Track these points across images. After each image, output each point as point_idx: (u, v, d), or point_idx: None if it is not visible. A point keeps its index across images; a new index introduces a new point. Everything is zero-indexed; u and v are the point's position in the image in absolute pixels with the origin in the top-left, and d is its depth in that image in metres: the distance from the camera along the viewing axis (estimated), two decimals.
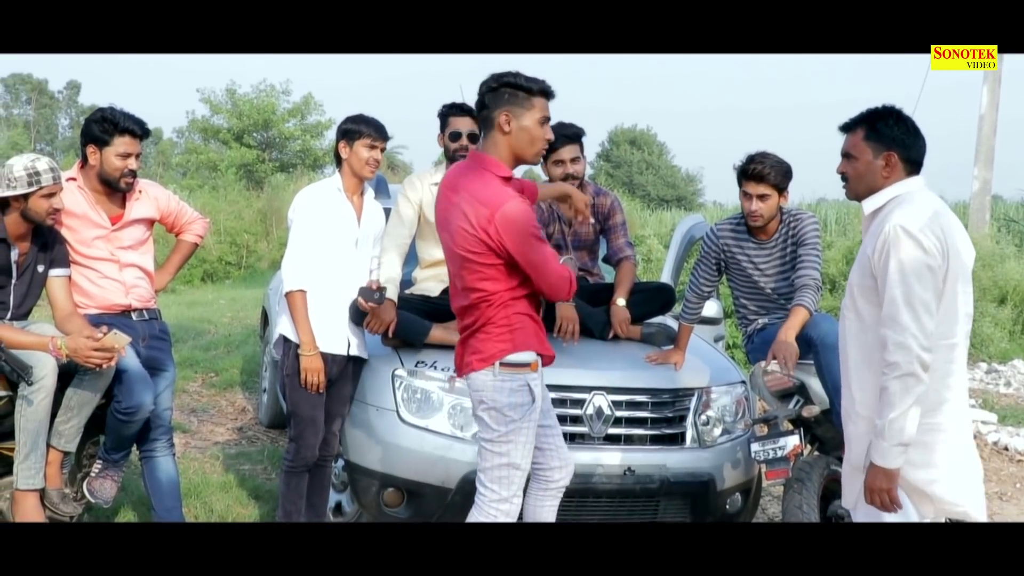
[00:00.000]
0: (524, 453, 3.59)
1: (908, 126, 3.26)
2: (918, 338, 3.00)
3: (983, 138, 15.28)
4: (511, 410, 3.54)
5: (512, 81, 3.53)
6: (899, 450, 3.05)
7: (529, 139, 3.55)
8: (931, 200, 3.19)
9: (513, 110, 3.52)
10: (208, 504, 5.18)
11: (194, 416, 7.30)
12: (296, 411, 4.40)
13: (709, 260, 4.98)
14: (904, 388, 3.02)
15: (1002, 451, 7.56)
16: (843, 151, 3.35)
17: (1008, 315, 12.07)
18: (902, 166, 3.22)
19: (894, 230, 3.06)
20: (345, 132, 4.41)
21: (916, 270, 3.03)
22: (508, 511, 3.60)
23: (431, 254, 4.91)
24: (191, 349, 9.52)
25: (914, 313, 3.01)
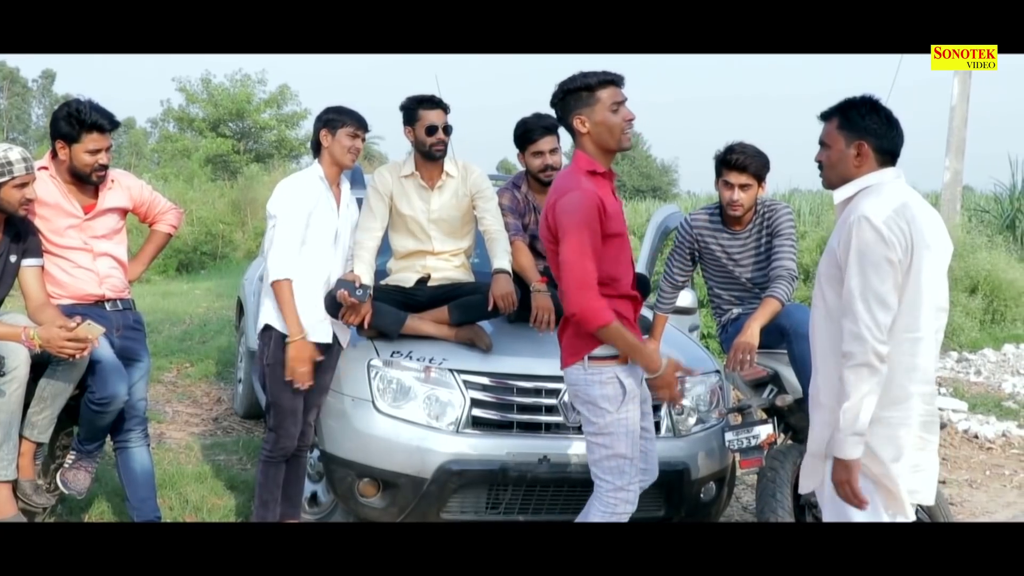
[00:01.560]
0: (629, 443, 3.64)
1: (881, 116, 3.27)
2: (872, 330, 3.02)
3: (954, 129, 15.39)
4: (604, 402, 3.61)
5: (571, 86, 3.63)
6: (854, 440, 3.06)
7: (608, 129, 3.65)
8: (901, 192, 3.19)
9: (583, 111, 3.63)
10: (183, 495, 5.17)
11: (169, 406, 7.28)
12: (276, 401, 4.40)
13: (683, 250, 5.00)
14: (858, 378, 3.04)
15: (972, 439, 7.65)
16: (819, 139, 3.37)
17: (979, 305, 12.19)
18: (874, 156, 3.23)
19: (857, 220, 3.08)
20: (328, 121, 4.42)
21: (875, 263, 3.04)
22: (626, 498, 3.67)
23: (404, 246, 4.91)
24: (166, 339, 9.49)
25: (868, 305, 3.03)
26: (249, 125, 34.23)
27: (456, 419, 4.42)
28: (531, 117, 5.10)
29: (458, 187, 4.89)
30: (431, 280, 4.88)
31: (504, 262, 4.70)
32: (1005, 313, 12.57)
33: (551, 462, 4.40)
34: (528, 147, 5.06)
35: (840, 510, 3.21)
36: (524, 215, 5.15)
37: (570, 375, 3.71)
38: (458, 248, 4.97)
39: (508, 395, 4.49)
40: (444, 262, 4.93)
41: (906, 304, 3.10)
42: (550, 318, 4.70)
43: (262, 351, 4.47)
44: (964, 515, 5.85)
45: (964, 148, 15.53)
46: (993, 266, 12.83)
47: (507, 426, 4.48)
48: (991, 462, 7.15)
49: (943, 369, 10.23)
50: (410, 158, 4.90)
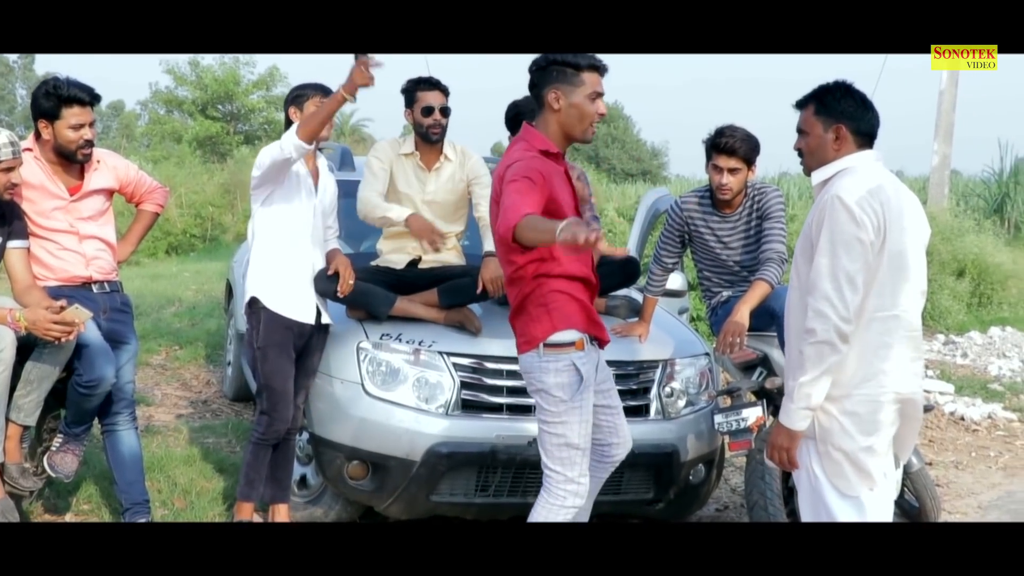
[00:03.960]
0: (581, 432, 3.58)
1: (856, 99, 3.29)
2: (837, 308, 3.04)
3: (943, 113, 15.42)
4: (559, 390, 3.54)
5: (560, 59, 3.54)
6: (805, 413, 3.14)
7: (579, 115, 3.58)
8: (877, 173, 3.20)
9: (562, 87, 3.54)
10: (171, 478, 5.15)
11: (158, 389, 7.26)
12: (270, 383, 4.38)
13: (673, 233, 5.00)
14: (818, 355, 3.07)
15: (958, 421, 7.68)
16: (797, 127, 3.39)
17: (966, 288, 12.24)
18: (852, 139, 3.25)
19: (831, 200, 3.10)
20: (294, 98, 4.41)
21: (845, 242, 3.06)
22: (576, 491, 3.61)
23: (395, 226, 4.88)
24: (155, 322, 9.46)
25: (836, 284, 3.05)
26: (238, 107, 34.08)
27: (446, 402, 4.42)
28: (523, 100, 5.07)
29: (455, 171, 4.88)
30: (422, 262, 4.86)
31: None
32: (992, 296, 12.63)
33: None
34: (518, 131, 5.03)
35: (816, 491, 3.24)
36: None
37: (524, 362, 3.63)
38: (450, 231, 4.95)
39: (498, 378, 4.49)
40: None
41: (878, 284, 3.12)
42: None
43: (251, 332, 4.45)
44: (950, 496, 5.88)
45: (952, 132, 15.57)
46: (980, 250, 12.88)
47: (496, 408, 4.48)
48: (977, 444, 7.19)
49: (930, 352, 10.27)
50: (410, 138, 4.89)
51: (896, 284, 3.16)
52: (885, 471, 3.24)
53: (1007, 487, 6.19)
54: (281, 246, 4.39)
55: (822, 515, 3.25)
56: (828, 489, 3.21)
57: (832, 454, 3.19)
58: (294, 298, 4.39)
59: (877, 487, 3.22)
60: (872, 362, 3.16)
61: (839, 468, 3.18)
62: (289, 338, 4.40)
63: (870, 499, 3.22)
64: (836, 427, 3.17)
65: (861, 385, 3.16)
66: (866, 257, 3.07)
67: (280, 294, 4.39)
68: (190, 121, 33.21)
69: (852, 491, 3.19)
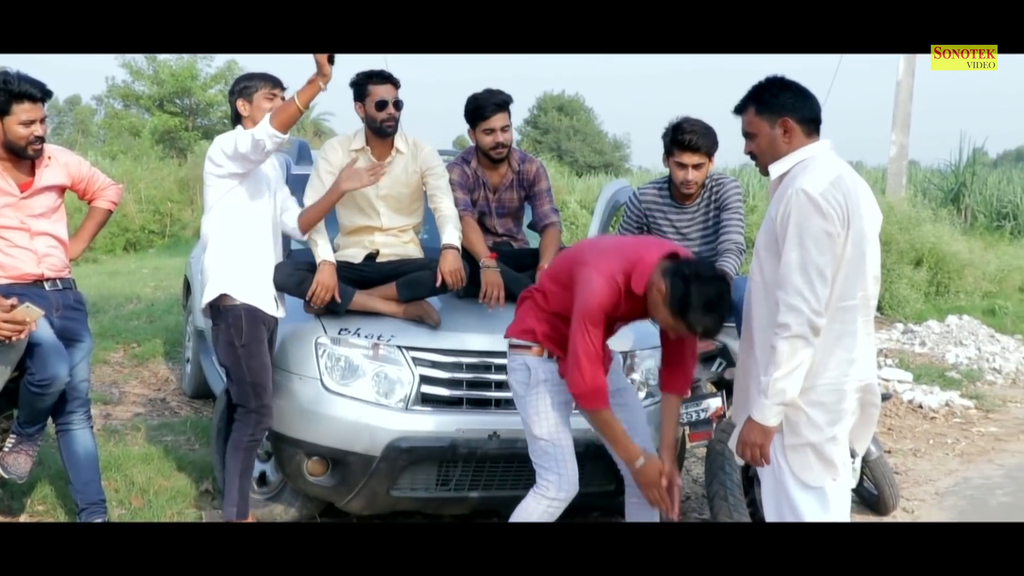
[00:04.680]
0: (544, 425, 3.77)
1: (794, 89, 3.30)
2: (810, 302, 3.04)
3: (900, 104, 15.54)
4: (516, 385, 3.86)
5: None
6: (779, 409, 3.13)
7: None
8: (835, 164, 3.22)
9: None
10: (129, 476, 5.09)
11: (115, 387, 7.18)
12: (258, 380, 4.27)
13: (631, 224, 5.00)
14: (792, 350, 3.07)
15: (916, 409, 7.77)
16: (743, 132, 3.38)
17: (923, 277, 12.36)
18: (800, 129, 3.25)
19: (796, 194, 3.09)
20: (241, 90, 4.33)
21: (814, 235, 3.06)
22: (557, 483, 3.75)
23: (352, 220, 4.86)
24: (112, 319, 9.35)
25: (807, 278, 3.05)
26: (196, 101, 33.75)
27: (405, 396, 4.40)
28: (483, 93, 5.06)
29: (408, 164, 4.84)
30: (379, 256, 4.84)
31: (453, 238, 4.67)
32: (949, 285, 12.76)
33: (501, 438, 4.40)
34: (479, 124, 5.01)
35: (780, 483, 3.24)
36: (473, 191, 5.12)
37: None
38: (407, 224, 4.93)
39: (457, 371, 4.48)
40: (393, 238, 4.90)
41: (841, 274, 3.13)
42: (499, 294, 4.69)
43: (228, 331, 4.28)
44: (908, 484, 5.94)
45: (910, 123, 15.69)
46: (937, 239, 13.01)
47: (456, 403, 4.47)
48: (935, 431, 7.27)
49: (889, 340, 10.37)
50: (361, 133, 4.84)
51: (857, 272, 3.18)
52: (844, 460, 3.27)
53: (963, 473, 6.27)
54: (246, 239, 4.31)
55: (784, 507, 3.25)
56: (792, 482, 3.21)
57: (799, 447, 3.19)
58: (264, 291, 4.34)
59: (839, 477, 3.24)
60: (835, 351, 3.17)
61: (805, 460, 3.18)
62: (265, 332, 4.34)
63: (833, 490, 3.24)
64: (803, 419, 3.17)
65: (825, 375, 3.16)
66: (834, 249, 3.08)
67: (253, 288, 4.31)
68: (147, 116, 32.82)
69: (817, 482, 3.20)
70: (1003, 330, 11.09)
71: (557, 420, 3.78)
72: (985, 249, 14.67)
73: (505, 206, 5.21)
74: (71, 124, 46.48)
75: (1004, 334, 10.87)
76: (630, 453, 3.66)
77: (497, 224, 5.22)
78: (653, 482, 3.65)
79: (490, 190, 5.15)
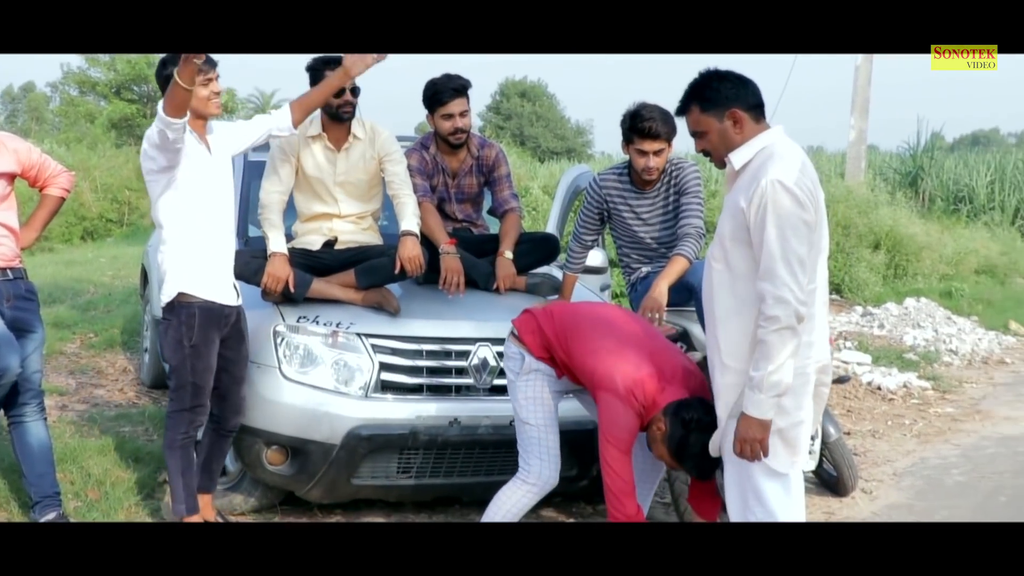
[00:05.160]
0: (532, 411, 3.83)
1: (732, 79, 3.27)
2: (795, 292, 3.04)
3: (858, 88, 15.66)
4: (509, 371, 3.93)
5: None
6: (775, 401, 3.11)
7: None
8: (796, 151, 3.22)
9: None
10: (85, 468, 5.01)
11: (72, 378, 7.08)
12: (198, 381, 4.12)
13: (592, 210, 5.00)
14: (782, 341, 3.06)
15: (875, 391, 7.85)
16: (690, 132, 3.36)
17: (882, 260, 12.50)
18: (748, 116, 3.23)
19: (771, 185, 3.06)
20: (170, 78, 3.83)
21: (793, 225, 3.05)
22: (538, 470, 3.81)
23: (310, 208, 4.81)
24: (69, 309, 9.23)
25: (790, 268, 3.04)
26: (154, 88, 33.33)
27: (365, 384, 4.37)
28: (440, 78, 5.02)
29: (365, 149, 4.80)
30: (338, 243, 4.79)
31: (412, 224, 4.63)
32: (907, 268, 12.92)
33: (462, 425, 4.39)
34: (437, 109, 4.98)
35: (744, 470, 3.24)
36: (432, 176, 5.09)
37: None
38: (365, 211, 4.89)
39: (417, 358, 4.45)
40: (351, 225, 4.85)
41: (809, 260, 3.13)
42: (459, 280, 4.67)
43: (179, 329, 4.10)
44: (866, 464, 6.00)
45: (868, 108, 15.82)
46: (895, 222, 13.16)
47: (417, 390, 4.44)
48: (893, 412, 7.35)
49: (848, 323, 10.48)
50: (316, 119, 4.78)
51: (815, 257, 3.19)
52: (806, 443, 3.27)
53: (921, 454, 6.34)
54: (200, 231, 4.12)
55: (749, 495, 3.23)
56: (759, 470, 3.19)
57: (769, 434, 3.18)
58: (221, 282, 4.18)
59: (799, 460, 3.25)
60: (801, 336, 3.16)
61: (774, 448, 3.17)
62: (217, 333, 4.18)
63: (795, 476, 3.24)
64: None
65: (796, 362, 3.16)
66: (811, 237, 3.09)
67: (211, 282, 4.13)
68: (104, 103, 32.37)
69: (784, 468, 3.19)
70: (959, 312, 11.26)
71: (546, 408, 3.83)
72: (942, 232, 14.85)
73: (464, 192, 5.18)
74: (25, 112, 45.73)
75: (960, 316, 11.03)
76: None
77: (456, 210, 5.20)
78: None
79: (449, 176, 5.12)
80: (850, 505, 5.28)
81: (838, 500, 5.29)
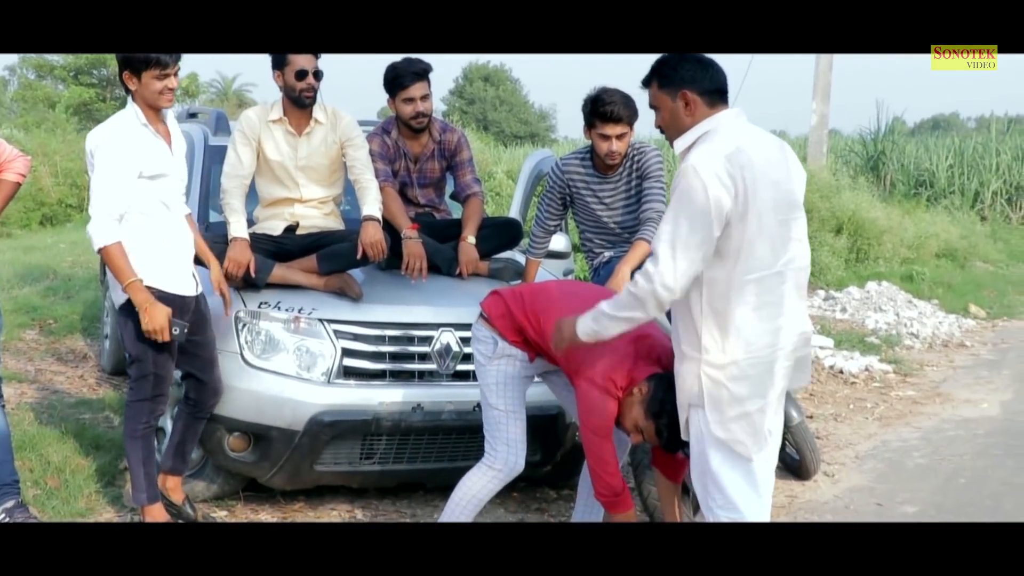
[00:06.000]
0: (500, 396, 3.80)
1: (693, 61, 3.23)
2: (663, 275, 3.01)
3: (820, 73, 15.75)
4: (479, 355, 3.86)
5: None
6: (590, 331, 3.27)
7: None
8: (736, 135, 3.13)
9: None
10: (44, 456, 4.96)
11: (31, 364, 6.99)
12: (159, 372, 4.07)
13: (554, 194, 4.99)
14: (627, 304, 3.14)
15: (837, 374, 7.92)
16: (649, 105, 3.34)
17: (843, 244, 12.59)
18: (701, 100, 3.18)
19: (686, 169, 3.04)
20: (127, 61, 3.92)
21: (690, 214, 3.01)
22: (504, 456, 3.81)
23: (271, 192, 4.77)
24: (28, 295, 9.11)
25: (672, 252, 3.01)
26: (113, 72, 32.88)
27: (327, 370, 4.35)
28: (401, 62, 4.99)
29: (327, 134, 4.76)
30: (299, 228, 4.76)
31: (374, 209, 4.61)
32: (868, 252, 13.02)
33: (425, 410, 4.38)
34: (399, 93, 4.96)
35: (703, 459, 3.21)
36: (394, 161, 5.06)
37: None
38: (327, 196, 4.86)
39: (380, 344, 4.44)
40: (312, 210, 4.82)
41: (748, 246, 3.05)
42: (421, 265, 4.66)
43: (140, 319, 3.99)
44: (829, 448, 6.06)
45: (830, 92, 15.92)
46: (857, 206, 13.26)
47: (379, 375, 4.43)
48: (855, 396, 7.42)
49: (811, 308, 10.54)
50: (278, 103, 4.76)
51: (774, 240, 3.11)
52: (771, 428, 3.24)
53: (882, 437, 6.41)
54: (156, 221, 4.04)
55: (709, 483, 3.21)
56: (716, 460, 3.14)
57: (724, 422, 3.14)
58: (179, 273, 4.10)
59: (766, 448, 3.22)
60: (756, 324, 3.11)
61: (733, 435, 3.13)
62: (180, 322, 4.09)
63: (760, 462, 3.21)
64: (725, 395, 3.10)
65: (749, 348, 3.10)
66: (710, 230, 3.00)
67: (169, 273, 4.05)
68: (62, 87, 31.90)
69: (747, 453, 3.17)
70: (920, 295, 11.37)
71: (514, 393, 3.82)
72: (903, 216, 14.97)
73: (426, 176, 5.16)
74: None
75: (921, 299, 11.14)
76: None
77: (419, 195, 5.18)
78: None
79: (411, 160, 5.10)
80: (812, 488, 5.32)
81: (800, 484, 5.33)
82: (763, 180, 3.07)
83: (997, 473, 5.67)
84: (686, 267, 3.02)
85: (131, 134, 3.98)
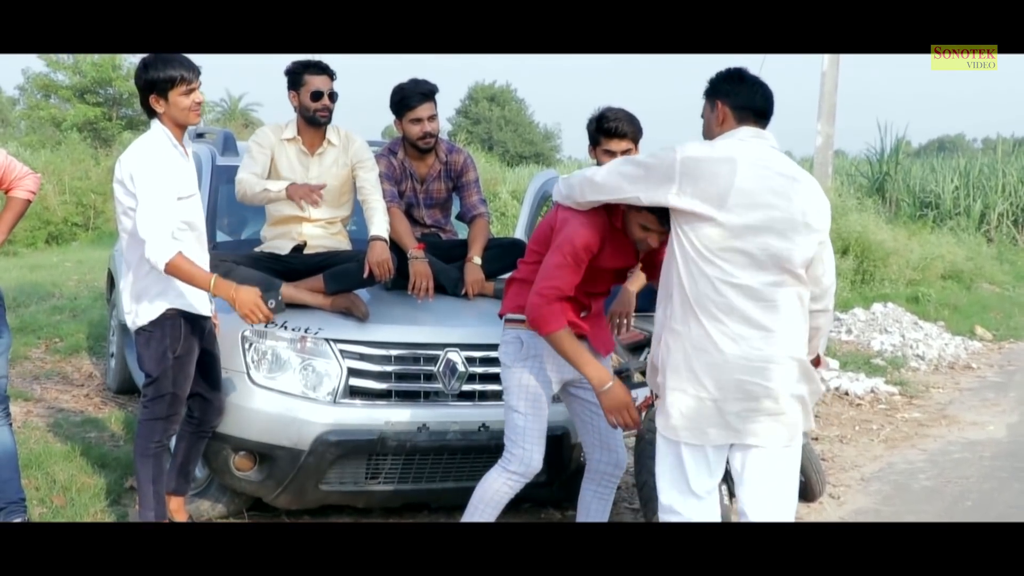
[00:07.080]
0: (523, 398, 3.82)
1: (735, 77, 3.33)
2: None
3: (825, 94, 15.78)
4: (504, 357, 3.89)
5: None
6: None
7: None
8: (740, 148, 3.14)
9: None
10: (50, 474, 4.97)
11: (37, 383, 7.00)
12: (178, 392, 4.05)
13: None
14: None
15: (843, 396, 7.91)
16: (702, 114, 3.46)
17: (850, 265, 12.58)
18: (732, 113, 3.26)
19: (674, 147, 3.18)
20: (152, 84, 3.89)
21: (622, 171, 3.32)
22: (521, 457, 3.83)
23: (280, 209, 4.79)
24: (34, 314, 9.13)
25: (583, 178, 3.47)
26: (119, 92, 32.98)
27: (333, 389, 4.35)
28: (408, 83, 5.02)
29: (339, 156, 4.80)
30: (307, 248, 4.78)
31: (381, 229, 4.63)
32: (874, 273, 13.02)
33: (430, 430, 4.38)
34: (406, 114, 4.98)
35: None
36: (400, 182, 5.08)
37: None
38: (335, 216, 4.88)
39: (385, 364, 4.44)
40: (320, 230, 4.84)
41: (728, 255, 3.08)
42: (428, 285, 4.67)
43: (163, 339, 4.00)
44: (834, 470, 6.04)
45: (835, 113, 15.96)
46: (863, 228, 13.27)
47: (385, 395, 4.43)
48: (860, 418, 7.40)
49: None
50: (292, 122, 4.80)
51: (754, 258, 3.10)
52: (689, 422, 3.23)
53: (888, 459, 6.39)
54: (183, 242, 3.96)
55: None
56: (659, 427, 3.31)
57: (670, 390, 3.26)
58: (199, 292, 4.06)
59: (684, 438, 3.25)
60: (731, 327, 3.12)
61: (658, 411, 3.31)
62: (198, 339, 4.13)
63: (688, 455, 3.26)
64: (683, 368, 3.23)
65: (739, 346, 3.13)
66: (614, 194, 3.36)
67: (188, 292, 4.02)
68: (68, 107, 32.00)
69: (675, 436, 3.25)
70: (926, 317, 11.35)
71: (537, 397, 3.84)
72: (909, 237, 14.97)
73: (433, 197, 5.18)
74: None
75: (927, 321, 11.12)
76: (601, 376, 3.56)
77: (425, 215, 5.19)
78: (621, 405, 3.58)
79: (417, 181, 5.12)
80: (818, 510, 5.31)
81: (806, 505, 5.31)
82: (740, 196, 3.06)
83: (1003, 496, 5.65)
84: (613, 183, 3.35)
85: (164, 156, 3.94)
